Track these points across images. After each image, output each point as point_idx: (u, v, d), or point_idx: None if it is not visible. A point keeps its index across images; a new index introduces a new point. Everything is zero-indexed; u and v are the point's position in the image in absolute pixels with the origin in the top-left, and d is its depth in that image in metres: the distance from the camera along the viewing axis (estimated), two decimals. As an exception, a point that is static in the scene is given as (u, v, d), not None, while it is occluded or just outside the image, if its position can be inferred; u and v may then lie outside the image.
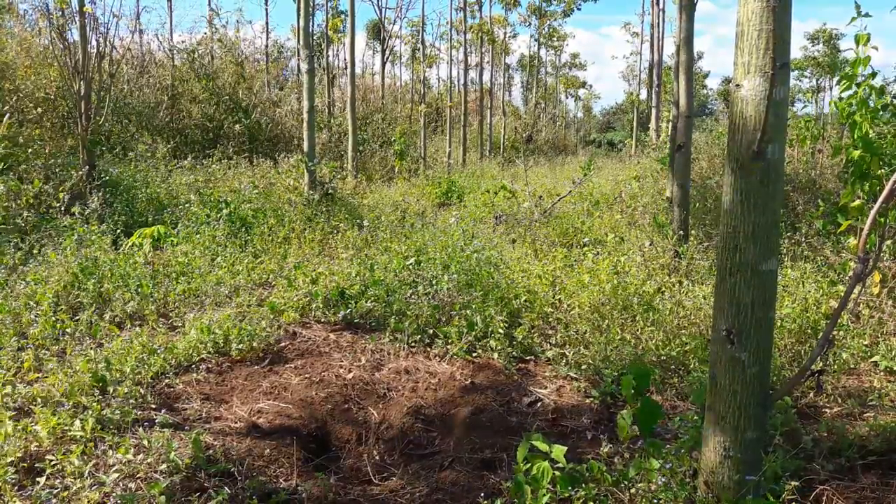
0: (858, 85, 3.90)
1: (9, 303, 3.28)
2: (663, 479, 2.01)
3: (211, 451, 2.36)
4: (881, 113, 3.96)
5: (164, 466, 2.20)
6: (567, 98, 38.50)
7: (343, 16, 15.99)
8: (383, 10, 15.65)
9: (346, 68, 13.73)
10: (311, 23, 9.13)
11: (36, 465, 2.18)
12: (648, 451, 2.15)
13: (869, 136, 3.86)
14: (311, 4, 12.00)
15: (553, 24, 27.04)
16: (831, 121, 4.19)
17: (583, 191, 7.54)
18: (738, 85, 1.84)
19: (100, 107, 6.09)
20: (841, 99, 4.04)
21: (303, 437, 2.56)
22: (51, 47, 7.26)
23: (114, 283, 3.83)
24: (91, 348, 2.96)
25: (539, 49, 28.15)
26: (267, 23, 19.07)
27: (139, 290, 3.80)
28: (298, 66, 7.63)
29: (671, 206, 5.03)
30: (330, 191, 6.27)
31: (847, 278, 3.78)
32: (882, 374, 3.18)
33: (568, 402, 2.94)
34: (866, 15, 3.64)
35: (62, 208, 4.95)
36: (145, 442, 2.32)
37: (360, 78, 21.77)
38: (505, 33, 23.67)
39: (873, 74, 3.96)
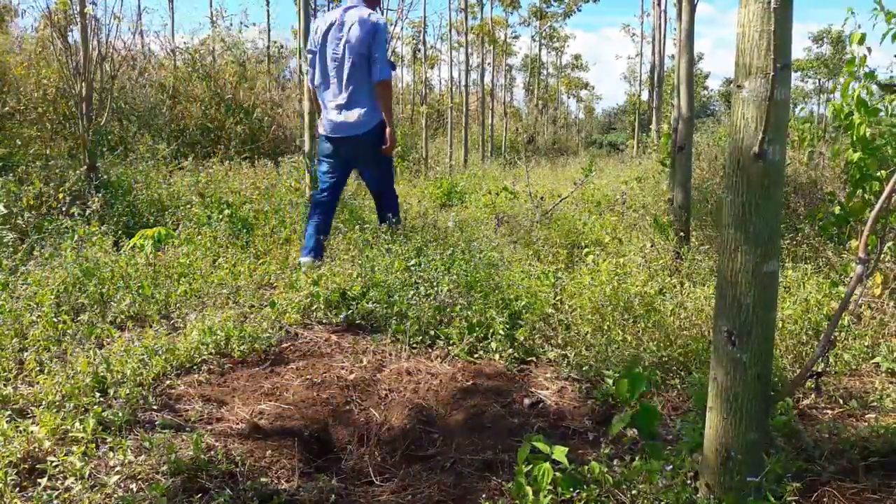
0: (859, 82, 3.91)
1: (10, 304, 3.28)
2: (665, 481, 2.01)
3: (212, 453, 2.36)
4: (881, 113, 3.97)
5: (165, 468, 2.20)
6: (569, 99, 38.52)
7: (344, 17, 15.97)
8: (384, 11, 15.63)
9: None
10: (311, 24, 9.13)
11: (37, 466, 2.18)
12: (647, 453, 2.15)
13: (867, 137, 3.87)
14: (312, 5, 12.00)
15: (554, 25, 27.06)
16: (831, 122, 4.18)
17: (584, 192, 7.54)
18: (739, 86, 1.84)
19: (101, 108, 6.10)
20: (838, 100, 4.04)
21: (304, 438, 2.56)
22: (51, 48, 7.27)
23: (115, 285, 3.84)
24: (92, 349, 2.96)
25: (540, 50, 28.16)
26: (268, 23, 19.10)
27: (140, 291, 3.81)
28: (300, 66, 7.62)
29: (672, 207, 5.02)
30: (331, 192, 6.25)
31: (848, 279, 3.78)
32: (883, 375, 3.17)
33: (569, 404, 2.94)
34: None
35: (62, 209, 4.95)
36: (146, 443, 2.32)
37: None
38: (506, 34, 23.68)
39: (871, 74, 3.96)
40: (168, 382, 2.90)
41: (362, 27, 4.31)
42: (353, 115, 4.38)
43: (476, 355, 3.35)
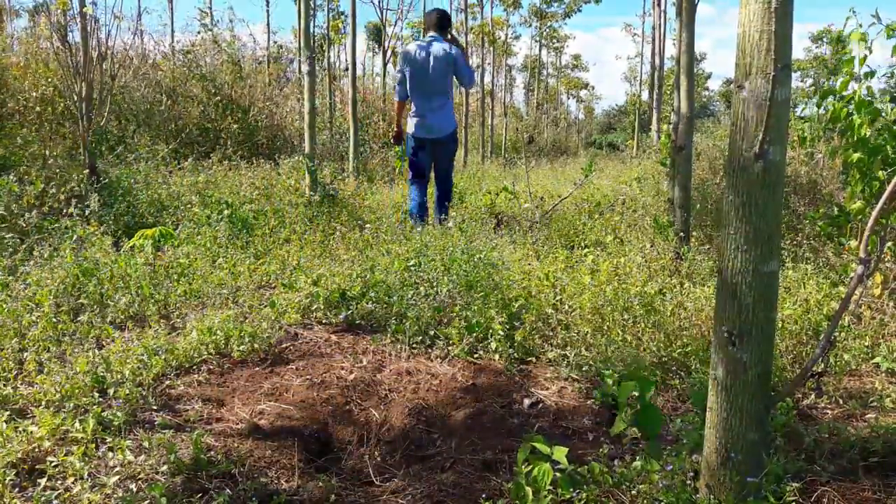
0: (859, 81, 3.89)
1: (9, 304, 3.28)
2: (665, 481, 2.01)
3: (212, 453, 2.36)
4: (883, 113, 3.95)
5: (164, 468, 2.20)
6: (569, 99, 38.49)
7: (344, 16, 15.98)
8: (384, 11, 15.59)
9: (347, 69, 13.71)
10: (311, 24, 9.12)
11: (37, 466, 2.18)
12: (649, 453, 2.15)
13: (867, 137, 3.86)
14: (312, 6, 11.99)
15: (553, 25, 27.06)
16: (828, 122, 4.15)
17: (584, 192, 7.53)
18: (739, 86, 1.84)
19: (101, 108, 6.09)
20: (841, 98, 4.03)
21: (304, 438, 2.56)
22: (51, 48, 7.26)
23: (114, 285, 3.83)
24: (91, 349, 2.96)
25: (540, 50, 28.16)
26: (268, 23, 19.13)
27: (140, 291, 3.80)
28: (299, 67, 7.64)
29: (672, 207, 5.02)
30: (331, 192, 6.26)
31: (848, 279, 3.78)
32: (883, 375, 3.17)
33: (569, 404, 2.93)
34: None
35: (62, 209, 4.95)
36: (146, 443, 2.32)
37: (362, 79, 21.76)
38: (506, 35, 23.66)
39: (871, 73, 3.95)
40: (167, 382, 2.90)
41: (447, 59, 5.87)
42: (437, 122, 5.99)
43: (476, 355, 3.35)
